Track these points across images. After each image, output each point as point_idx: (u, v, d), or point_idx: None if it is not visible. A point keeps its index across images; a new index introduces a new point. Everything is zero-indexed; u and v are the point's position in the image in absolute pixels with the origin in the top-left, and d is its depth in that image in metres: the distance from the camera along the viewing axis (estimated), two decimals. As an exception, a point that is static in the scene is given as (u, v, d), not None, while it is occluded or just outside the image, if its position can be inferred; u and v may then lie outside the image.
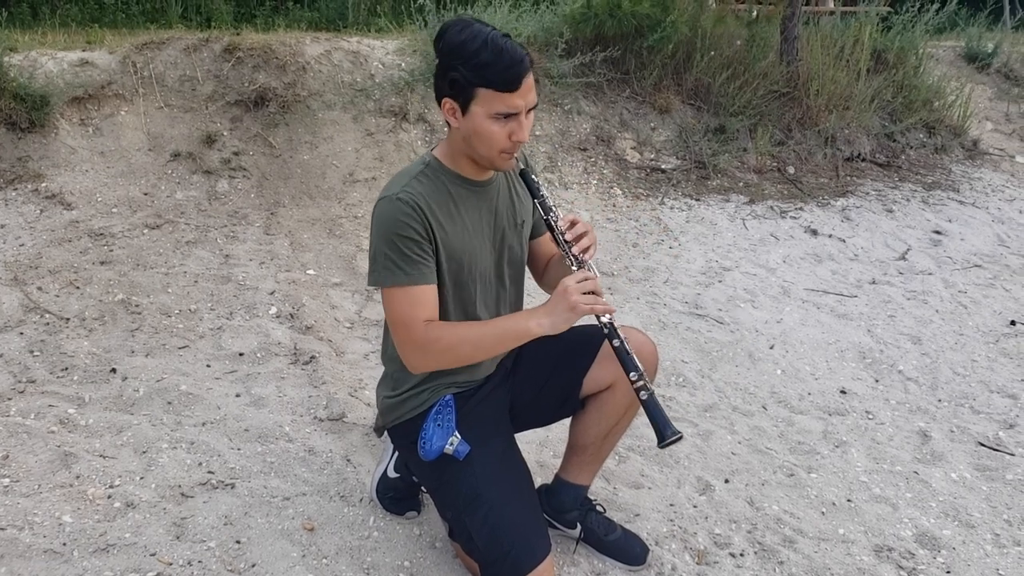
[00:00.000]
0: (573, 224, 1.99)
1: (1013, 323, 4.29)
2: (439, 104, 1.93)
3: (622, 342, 1.95)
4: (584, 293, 1.89)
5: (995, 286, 4.79)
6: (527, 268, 2.32)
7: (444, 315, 2.05)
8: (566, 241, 1.99)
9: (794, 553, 2.49)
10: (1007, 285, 4.80)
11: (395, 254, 1.92)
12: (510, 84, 1.82)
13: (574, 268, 1.97)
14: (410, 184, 1.95)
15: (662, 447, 1.91)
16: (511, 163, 1.97)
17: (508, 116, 1.86)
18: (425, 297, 1.96)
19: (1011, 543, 2.61)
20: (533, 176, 2.05)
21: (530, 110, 1.90)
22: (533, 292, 2.40)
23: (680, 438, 1.91)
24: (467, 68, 1.81)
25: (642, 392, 1.93)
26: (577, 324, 2.35)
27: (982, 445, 3.16)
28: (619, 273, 4.55)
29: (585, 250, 1.99)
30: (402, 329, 1.97)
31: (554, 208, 2.03)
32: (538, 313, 1.94)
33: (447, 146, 2.03)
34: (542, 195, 2.03)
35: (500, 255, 2.14)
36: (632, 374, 1.93)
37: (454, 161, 2.02)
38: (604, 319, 1.94)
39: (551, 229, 2.01)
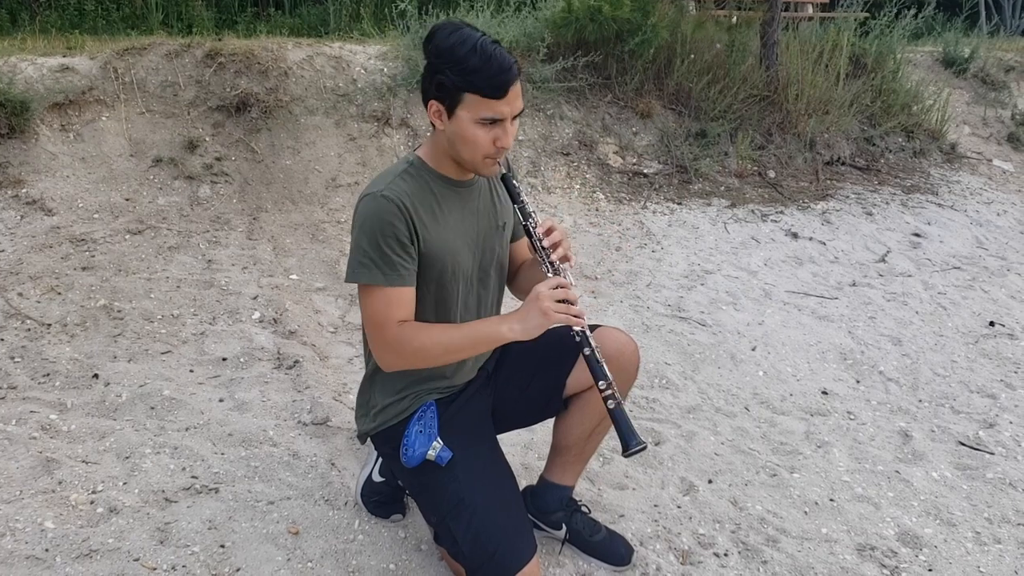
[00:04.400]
0: (550, 231, 2.00)
1: (992, 324, 4.34)
2: (425, 105, 1.94)
3: (593, 351, 1.96)
4: (557, 301, 1.90)
5: (974, 288, 4.84)
6: None
7: (421, 314, 2.03)
8: (543, 247, 1.99)
9: (777, 552, 2.51)
10: (985, 287, 4.86)
11: (376, 253, 1.91)
12: (497, 91, 1.82)
13: (549, 275, 1.97)
14: (395, 182, 1.95)
15: (627, 456, 1.93)
16: (494, 169, 1.97)
17: (494, 122, 1.87)
18: (402, 298, 1.96)
19: (991, 540, 2.64)
20: (514, 181, 2.05)
21: (515, 117, 1.90)
22: (508, 298, 2.40)
23: (644, 448, 1.92)
24: (455, 72, 1.82)
25: (609, 401, 1.94)
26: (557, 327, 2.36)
27: (962, 444, 3.19)
28: (602, 276, 4.57)
29: (562, 258, 2.00)
30: (376, 328, 1.97)
31: (533, 214, 2.03)
32: (511, 319, 1.95)
33: (431, 147, 2.03)
34: (522, 200, 2.04)
35: (482, 257, 2.14)
36: (601, 383, 1.94)
37: (437, 162, 2.02)
38: (576, 328, 1.95)
39: (529, 235, 2.02)
